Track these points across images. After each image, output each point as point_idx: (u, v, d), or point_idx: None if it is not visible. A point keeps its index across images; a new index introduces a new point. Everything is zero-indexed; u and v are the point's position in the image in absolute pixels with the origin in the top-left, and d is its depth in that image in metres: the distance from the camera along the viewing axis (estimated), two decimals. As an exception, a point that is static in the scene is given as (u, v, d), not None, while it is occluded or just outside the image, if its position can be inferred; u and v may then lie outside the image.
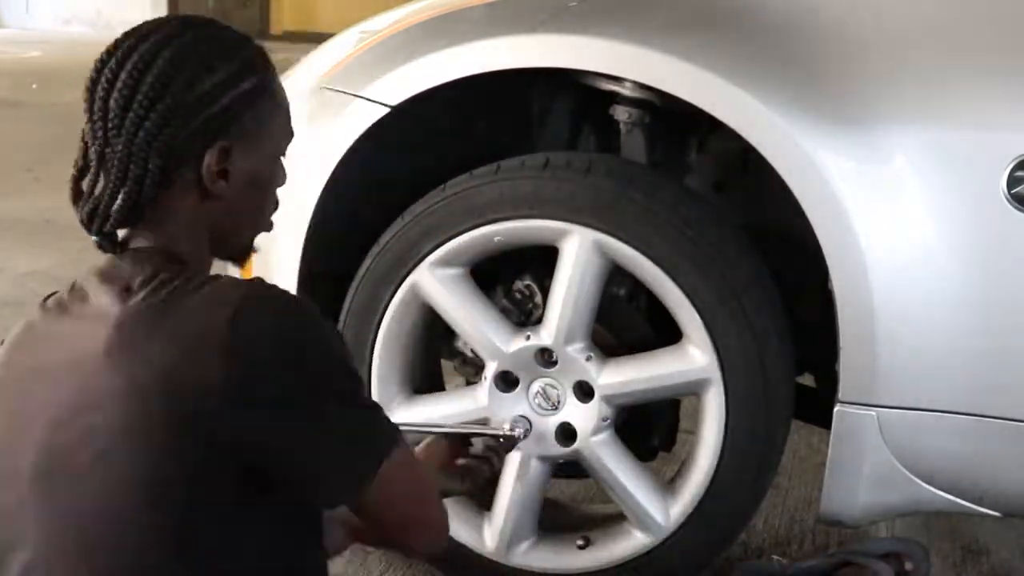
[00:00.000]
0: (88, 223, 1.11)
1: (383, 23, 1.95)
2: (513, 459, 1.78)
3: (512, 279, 1.84)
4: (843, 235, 1.53)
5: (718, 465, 1.70)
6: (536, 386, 1.76)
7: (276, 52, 1.34)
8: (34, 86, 9.04)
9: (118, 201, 1.09)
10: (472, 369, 1.88)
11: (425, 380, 1.93)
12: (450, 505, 1.32)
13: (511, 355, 1.75)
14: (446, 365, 2.05)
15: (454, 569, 1.90)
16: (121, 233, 1.13)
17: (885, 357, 1.54)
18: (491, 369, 1.77)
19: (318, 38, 2.59)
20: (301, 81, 1.95)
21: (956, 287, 1.50)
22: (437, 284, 1.76)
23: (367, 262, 1.81)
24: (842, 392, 1.58)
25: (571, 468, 1.83)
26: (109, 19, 15.16)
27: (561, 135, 2.00)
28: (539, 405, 1.76)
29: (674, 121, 1.83)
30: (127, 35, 1.11)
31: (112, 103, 1.08)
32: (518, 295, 1.84)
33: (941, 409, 1.55)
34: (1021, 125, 1.50)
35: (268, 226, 1.22)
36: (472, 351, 1.86)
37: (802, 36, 1.60)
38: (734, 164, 1.90)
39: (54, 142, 6.43)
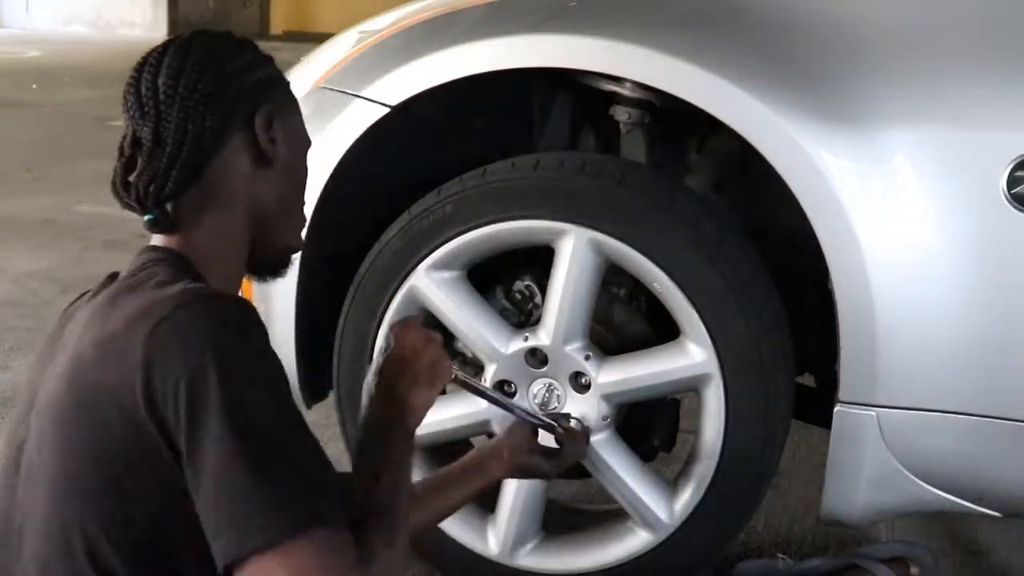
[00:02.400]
0: (144, 197, 1.14)
1: (383, 23, 1.95)
2: None
3: (511, 280, 1.84)
4: (843, 235, 1.53)
5: (719, 461, 1.70)
6: (536, 386, 1.76)
7: (276, 52, 1.35)
8: (34, 86, 9.05)
9: (176, 166, 1.13)
10: (472, 370, 1.88)
11: None
12: None
13: (509, 356, 1.75)
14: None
15: (458, 572, 1.90)
16: (172, 207, 1.16)
17: (885, 357, 1.54)
18: (491, 371, 1.77)
19: (318, 38, 2.60)
20: (301, 81, 1.95)
21: (956, 287, 1.51)
22: (434, 288, 1.76)
23: (367, 262, 1.81)
24: (842, 392, 1.58)
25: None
26: (109, 19, 15.18)
27: (561, 135, 2.01)
28: (540, 405, 1.76)
29: (674, 121, 1.83)
30: (157, 46, 1.20)
31: (161, 83, 1.14)
32: (518, 295, 1.84)
33: (941, 409, 1.55)
34: (1021, 125, 1.50)
35: (300, 239, 1.28)
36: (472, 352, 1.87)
37: (802, 36, 1.60)
38: (734, 164, 1.90)
39: (54, 142, 6.45)
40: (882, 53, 1.57)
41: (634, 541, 1.78)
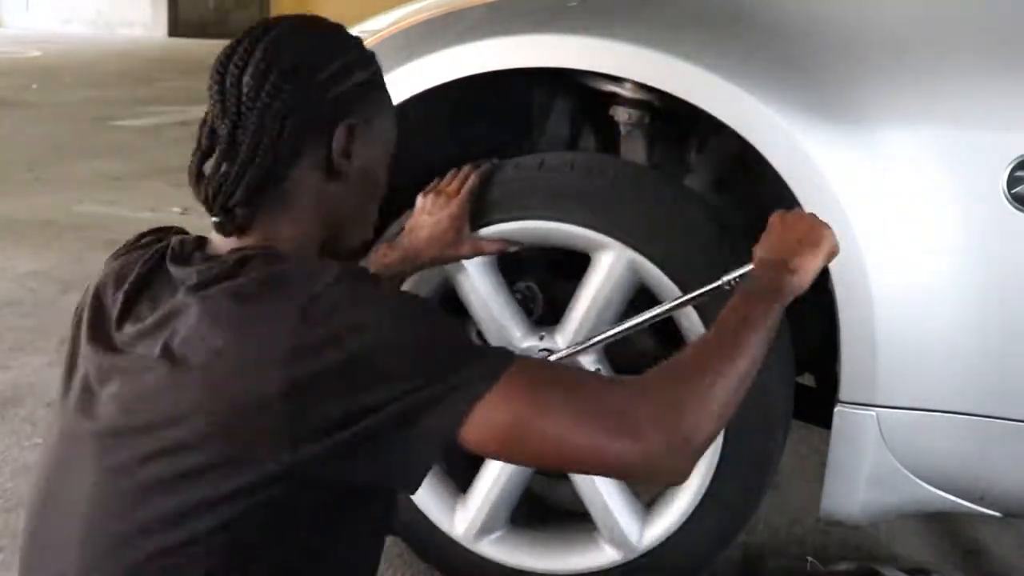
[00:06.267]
0: (212, 200, 1.11)
1: (383, 23, 1.95)
2: None
3: (513, 279, 1.84)
4: (843, 235, 1.52)
5: (700, 503, 1.70)
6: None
7: (276, 52, 1.35)
8: (34, 86, 9.05)
9: (248, 175, 1.10)
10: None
11: None
12: (426, 485, 1.30)
13: (520, 351, 1.74)
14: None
15: (420, 546, 1.90)
16: (240, 213, 1.12)
17: (885, 357, 1.54)
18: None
19: (318, 38, 2.58)
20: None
21: (956, 287, 1.51)
22: (462, 267, 1.74)
23: (395, 228, 1.78)
24: (842, 392, 1.58)
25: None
26: (109, 19, 15.18)
27: (561, 136, 2.00)
28: None
29: (674, 121, 1.83)
30: (251, 29, 1.15)
31: (245, 83, 1.10)
32: (518, 296, 1.83)
33: (941, 409, 1.55)
34: (1021, 125, 1.50)
35: (371, 233, 1.26)
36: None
37: (801, 35, 1.60)
38: (734, 164, 1.90)
39: (54, 142, 6.45)
40: (882, 53, 1.57)
41: (598, 556, 1.78)
